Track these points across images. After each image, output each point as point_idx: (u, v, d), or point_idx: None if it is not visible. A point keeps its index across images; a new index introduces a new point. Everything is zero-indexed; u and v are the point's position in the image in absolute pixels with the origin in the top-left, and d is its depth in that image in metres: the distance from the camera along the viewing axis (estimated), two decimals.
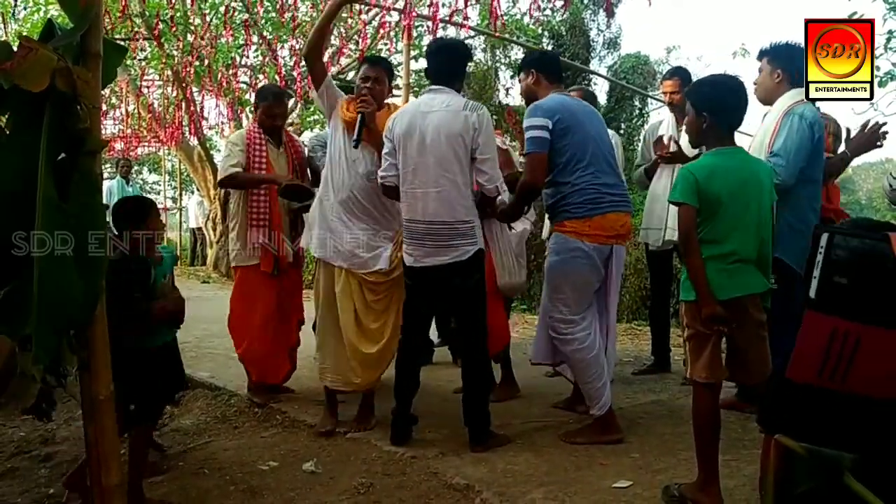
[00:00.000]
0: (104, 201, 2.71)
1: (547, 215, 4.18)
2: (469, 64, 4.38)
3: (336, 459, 3.81)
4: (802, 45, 3.58)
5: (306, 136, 15.58)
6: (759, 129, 4.08)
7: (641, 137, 6.04)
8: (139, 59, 13.33)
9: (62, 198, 2.49)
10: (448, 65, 3.92)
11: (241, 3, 11.30)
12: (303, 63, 12.16)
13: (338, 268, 4.10)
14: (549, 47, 13.05)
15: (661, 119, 5.61)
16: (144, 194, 17.23)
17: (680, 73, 5.20)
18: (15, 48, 2.39)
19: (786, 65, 3.94)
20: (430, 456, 3.67)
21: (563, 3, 8.83)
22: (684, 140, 4.56)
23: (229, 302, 4.88)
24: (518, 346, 5.28)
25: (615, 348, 4.19)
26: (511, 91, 14.48)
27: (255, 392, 4.86)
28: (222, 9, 11.10)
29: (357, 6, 10.12)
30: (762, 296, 2.99)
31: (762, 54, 4.11)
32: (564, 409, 4.41)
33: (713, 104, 3.01)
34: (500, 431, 3.90)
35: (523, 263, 4.77)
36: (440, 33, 9.18)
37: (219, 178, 4.84)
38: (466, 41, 9.37)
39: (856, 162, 4.94)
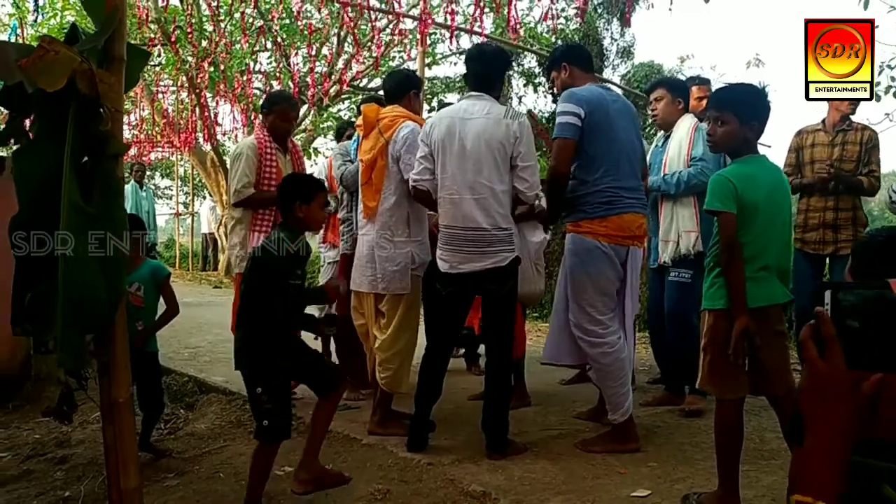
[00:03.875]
0: None
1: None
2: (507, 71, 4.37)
3: (352, 465, 3.80)
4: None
5: (318, 143, 15.61)
6: (669, 145, 4.67)
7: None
8: (154, 65, 13.41)
9: (85, 200, 2.50)
10: (488, 72, 3.91)
11: (256, 10, 11.34)
12: (317, 69, 12.29)
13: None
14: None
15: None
16: (157, 199, 17.36)
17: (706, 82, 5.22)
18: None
19: (683, 95, 4.77)
20: (446, 463, 3.65)
21: (578, 12, 8.81)
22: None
23: (232, 309, 4.81)
24: (531, 354, 5.25)
25: (633, 356, 4.16)
26: (524, 99, 14.48)
27: None
28: (238, 15, 11.14)
29: (371, 13, 10.15)
30: (784, 307, 2.97)
31: (657, 85, 4.94)
32: (588, 420, 4.37)
33: (762, 114, 3.00)
34: (516, 439, 3.88)
35: (542, 272, 4.77)
36: (453, 41, 9.19)
37: (232, 200, 4.75)
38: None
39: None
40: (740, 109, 2.98)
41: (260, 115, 5.10)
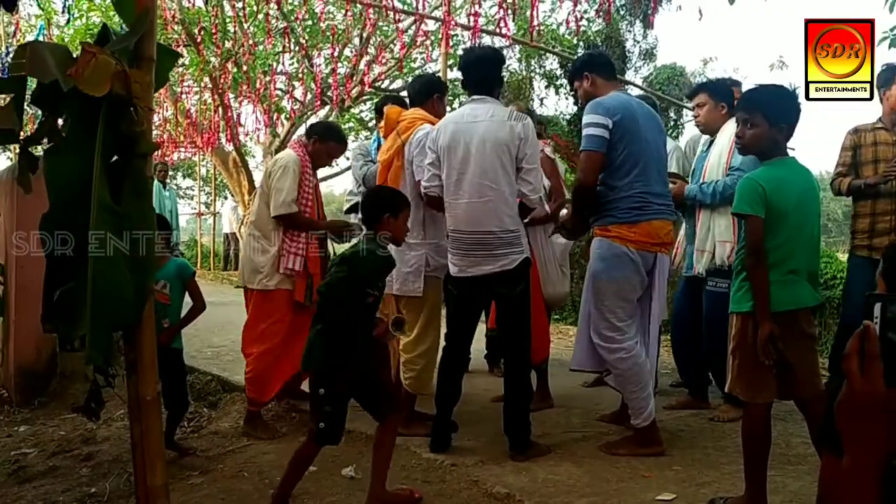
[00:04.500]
0: None
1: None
2: (504, 68, 4.34)
3: None
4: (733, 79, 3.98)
5: None
6: (711, 152, 4.54)
7: (682, 149, 5.96)
8: (177, 65, 13.50)
9: (114, 199, 2.52)
10: (487, 74, 3.91)
11: (280, 12, 11.40)
12: (339, 70, 12.32)
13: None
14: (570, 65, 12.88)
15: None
16: (179, 199, 17.46)
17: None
18: (75, 54, 2.43)
19: (727, 98, 4.57)
20: (469, 464, 3.66)
21: (602, 14, 8.81)
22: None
23: (251, 326, 4.66)
24: (554, 356, 5.24)
25: (657, 360, 4.14)
26: (545, 101, 14.46)
27: (256, 423, 4.57)
28: (261, 16, 11.21)
29: (394, 14, 10.17)
30: (813, 310, 2.94)
31: (700, 89, 4.78)
32: (611, 423, 4.36)
33: (791, 116, 2.97)
34: (539, 441, 3.87)
35: (567, 273, 4.77)
36: (476, 43, 9.18)
37: (277, 211, 4.49)
38: (502, 50, 9.35)
39: None
40: (770, 111, 2.95)
41: (282, 116, 4.97)
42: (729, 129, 4.44)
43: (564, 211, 4.08)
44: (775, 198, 2.84)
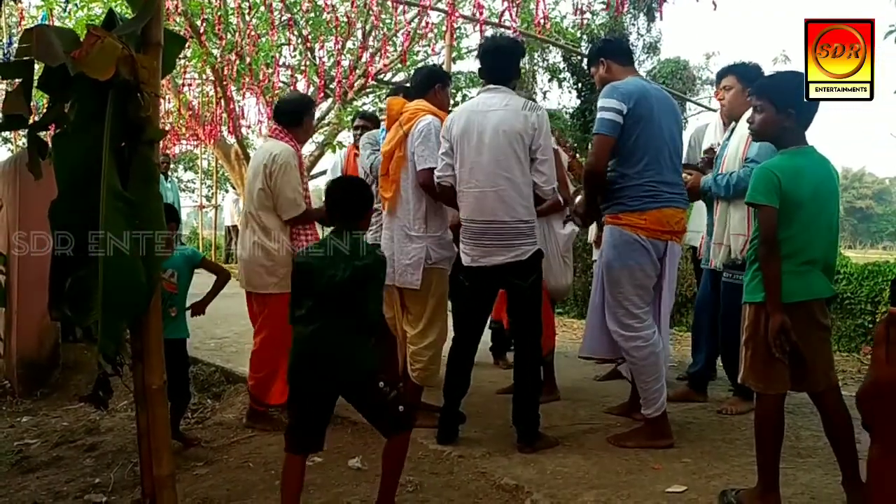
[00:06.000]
0: None
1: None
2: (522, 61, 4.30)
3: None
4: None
5: (342, 136, 15.63)
6: (730, 141, 4.35)
7: (686, 141, 5.92)
8: (180, 57, 13.42)
9: (122, 186, 2.49)
10: (504, 64, 3.88)
11: (283, 4, 11.35)
12: (343, 62, 12.27)
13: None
14: (587, 51, 12.84)
15: (706, 123, 5.49)
16: (181, 192, 17.45)
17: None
18: (82, 39, 2.40)
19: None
20: (477, 455, 3.64)
21: (606, 6, 8.78)
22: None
23: (264, 330, 4.49)
24: (559, 349, 5.21)
25: (668, 351, 4.10)
26: (548, 94, 14.41)
27: (259, 418, 4.51)
28: (264, 8, 11.16)
29: (400, 7, 10.14)
30: (828, 301, 2.92)
31: (728, 71, 4.55)
32: (619, 415, 4.32)
33: (798, 101, 2.92)
34: (546, 433, 3.85)
35: (570, 265, 4.73)
36: (482, 35, 9.14)
37: (289, 214, 4.33)
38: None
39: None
40: (776, 97, 2.95)
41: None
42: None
43: (579, 198, 4.05)
44: (791, 187, 2.81)
